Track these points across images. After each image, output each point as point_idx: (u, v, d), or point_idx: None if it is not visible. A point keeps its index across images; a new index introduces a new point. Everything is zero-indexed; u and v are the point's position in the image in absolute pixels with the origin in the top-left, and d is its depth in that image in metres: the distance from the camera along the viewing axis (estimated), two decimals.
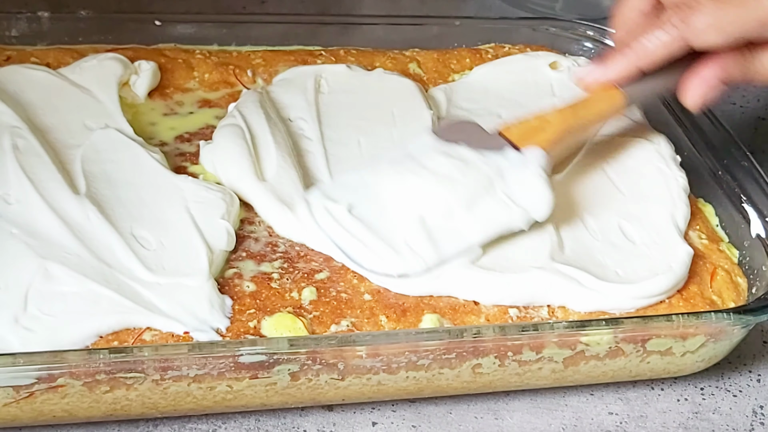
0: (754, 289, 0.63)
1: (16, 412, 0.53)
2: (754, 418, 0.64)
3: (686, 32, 0.58)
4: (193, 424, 0.59)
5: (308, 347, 0.54)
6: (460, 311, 0.59)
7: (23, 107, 0.67)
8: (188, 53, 0.76)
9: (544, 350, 0.57)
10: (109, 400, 0.54)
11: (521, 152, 0.60)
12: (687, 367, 0.62)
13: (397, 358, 0.55)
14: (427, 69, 0.78)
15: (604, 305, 0.60)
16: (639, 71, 0.62)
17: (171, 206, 0.60)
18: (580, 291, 0.59)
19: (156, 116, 0.71)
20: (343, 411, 0.61)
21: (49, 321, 0.53)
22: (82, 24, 0.76)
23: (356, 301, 0.58)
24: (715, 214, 0.69)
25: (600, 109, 0.64)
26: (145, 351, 0.51)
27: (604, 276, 0.60)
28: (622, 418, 0.63)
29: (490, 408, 0.62)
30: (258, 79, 0.75)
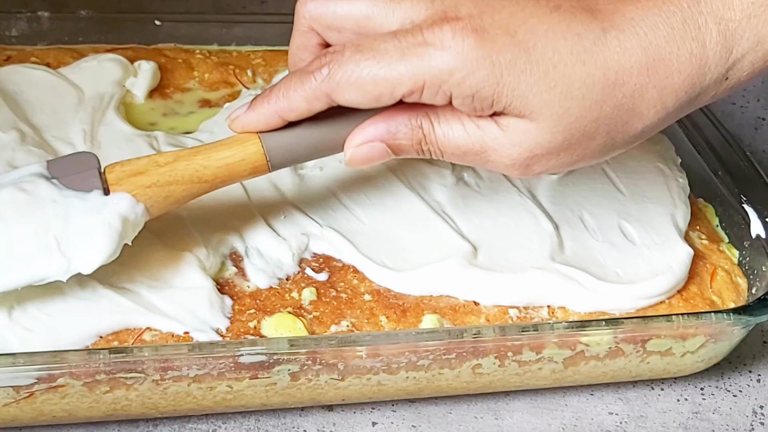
0: (754, 289, 0.63)
1: (16, 412, 0.53)
2: (754, 418, 0.64)
3: (326, 87, 0.49)
4: (193, 424, 0.59)
5: (308, 347, 0.54)
6: (460, 311, 0.59)
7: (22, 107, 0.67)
8: (188, 53, 0.76)
9: (544, 350, 0.57)
10: (109, 400, 0.54)
11: (108, 197, 0.53)
12: (687, 367, 0.62)
13: (397, 358, 0.55)
14: None
15: (604, 305, 0.60)
16: (283, 120, 0.52)
17: None
18: (580, 291, 0.59)
19: (156, 116, 0.71)
20: (343, 411, 0.61)
21: (49, 321, 0.53)
22: (82, 24, 0.76)
23: (356, 302, 0.58)
24: (715, 214, 0.69)
25: (227, 159, 0.53)
26: (145, 351, 0.51)
27: (604, 276, 0.60)
28: (622, 418, 0.63)
29: (490, 408, 0.62)
30: (258, 79, 0.75)
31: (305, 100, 0.50)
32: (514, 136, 0.49)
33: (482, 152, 0.50)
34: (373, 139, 0.51)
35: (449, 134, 0.50)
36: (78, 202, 0.52)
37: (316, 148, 0.54)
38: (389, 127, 0.51)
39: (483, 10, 0.47)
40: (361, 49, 0.48)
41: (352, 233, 0.61)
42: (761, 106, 0.94)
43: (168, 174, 0.53)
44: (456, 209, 0.63)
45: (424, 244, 0.61)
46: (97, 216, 0.52)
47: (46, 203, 0.52)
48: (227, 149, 0.54)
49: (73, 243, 0.52)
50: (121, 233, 0.52)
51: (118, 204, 0.52)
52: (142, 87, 0.71)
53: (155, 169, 0.53)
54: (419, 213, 0.62)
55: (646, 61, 0.48)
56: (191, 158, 0.54)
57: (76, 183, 0.53)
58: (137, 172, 0.53)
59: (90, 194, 0.53)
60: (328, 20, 0.52)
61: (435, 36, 0.47)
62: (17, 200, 0.52)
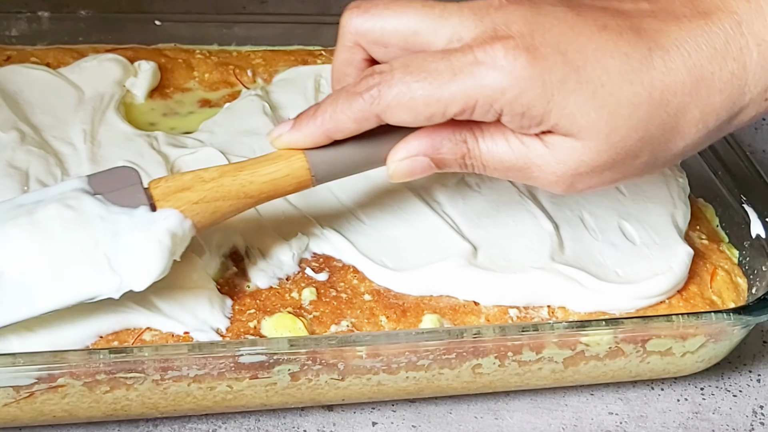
0: (754, 289, 0.63)
1: (16, 412, 0.53)
2: (754, 418, 0.64)
3: (376, 108, 0.49)
4: (193, 424, 0.59)
5: (308, 347, 0.54)
6: (460, 311, 0.59)
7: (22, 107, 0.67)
8: (188, 53, 0.76)
9: (544, 350, 0.57)
10: (109, 400, 0.54)
11: (155, 213, 0.52)
12: (687, 367, 0.62)
13: (397, 358, 0.55)
14: None
15: (604, 305, 0.60)
16: (330, 139, 0.52)
17: None
18: (580, 291, 0.59)
19: (156, 116, 0.71)
20: (343, 411, 0.61)
21: (49, 321, 0.53)
22: (82, 24, 0.76)
23: (356, 302, 0.58)
24: (715, 214, 0.69)
25: (272, 175, 0.53)
26: (145, 351, 0.51)
27: (604, 276, 0.60)
28: (622, 418, 0.63)
29: (490, 408, 0.62)
30: (258, 79, 0.75)
31: (354, 120, 0.50)
32: (559, 153, 0.49)
33: (526, 169, 0.50)
34: (417, 153, 0.51)
35: (493, 150, 0.50)
36: (126, 219, 0.52)
37: (359, 163, 0.54)
38: (433, 141, 0.51)
39: (533, 29, 0.47)
40: (411, 70, 0.48)
41: (352, 233, 0.61)
42: None
43: (214, 190, 0.53)
44: (456, 209, 0.63)
45: (424, 244, 0.61)
46: (146, 233, 0.51)
47: (93, 220, 0.52)
48: (272, 165, 0.54)
49: (124, 260, 0.51)
50: (171, 249, 0.51)
51: (166, 220, 0.52)
52: (142, 87, 0.71)
53: (201, 184, 0.53)
54: (419, 213, 0.62)
55: (689, 81, 0.48)
56: (237, 173, 0.54)
57: (121, 199, 0.53)
58: (183, 188, 0.53)
59: (137, 210, 0.52)
60: (375, 36, 0.51)
61: (487, 55, 0.47)
62: (64, 217, 0.52)
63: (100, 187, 0.54)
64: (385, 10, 0.51)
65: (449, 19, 0.49)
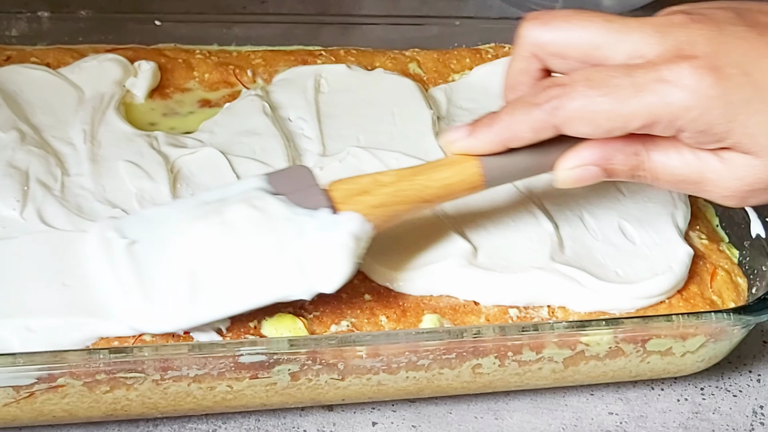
0: (754, 289, 0.63)
1: (16, 412, 0.53)
2: (754, 418, 0.64)
3: (555, 119, 0.50)
4: (193, 424, 0.59)
5: (308, 347, 0.54)
6: (460, 311, 0.59)
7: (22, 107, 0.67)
8: (188, 53, 0.76)
9: (544, 350, 0.57)
10: (109, 400, 0.54)
11: (337, 215, 0.54)
12: (687, 367, 0.62)
13: (397, 358, 0.55)
14: (427, 69, 0.78)
15: (604, 305, 0.60)
16: (505, 147, 0.53)
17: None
18: (580, 291, 0.59)
19: (156, 116, 0.70)
20: (343, 411, 0.61)
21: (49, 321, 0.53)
22: (82, 24, 0.76)
23: (356, 301, 0.58)
24: (715, 214, 0.69)
25: (448, 180, 0.55)
26: (145, 351, 0.51)
27: (604, 276, 0.60)
28: (622, 418, 0.63)
29: (490, 408, 0.62)
30: (258, 79, 0.75)
31: (532, 130, 0.51)
32: (735, 170, 0.50)
33: (699, 182, 0.51)
34: (588, 162, 0.52)
35: (666, 162, 0.51)
36: (309, 221, 0.53)
37: (529, 169, 0.55)
38: (605, 152, 0.52)
39: (718, 49, 0.48)
40: (594, 84, 0.49)
41: None
42: None
43: (393, 194, 0.55)
44: (456, 209, 0.63)
45: (424, 244, 0.61)
46: (331, 235, 0.52)
47: (279, 221, 0.53)
48: (447, 170, 0.55)
49: (312, 262, 0.52)
50: (355, 252, 0.53)
51: (348, 223, 0.53)
52: (142, 87, 0.71)
53: (379, 188, 0.55)
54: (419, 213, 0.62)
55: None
56: (413, 178, 0.55)
57: (302, 200, 0.54)
58: (362, 192, 0.55)
59: (319, 212, 0.53)
60: (555, 48, 0.52)
61: (672, 73, 0.48)
62: (252, 217, 0.53)
63: (280, 187, 0.55)
64: (567, 23, 0.52)
65: (630, 34, 0.50)
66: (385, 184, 0.55)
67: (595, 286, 0.59)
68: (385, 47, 0.79)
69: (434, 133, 0.68)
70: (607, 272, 0.61)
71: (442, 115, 0.72)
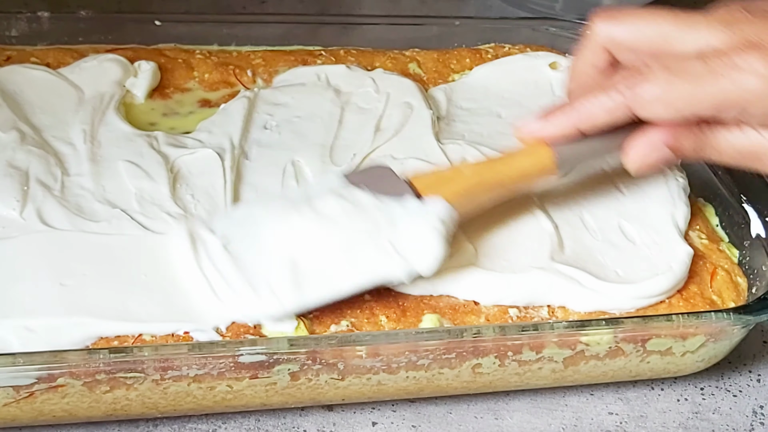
0: (754, 289, 0.63)
1: (16, 412, 0.53)
2: (754, 418, 0.64)
3: (632, 101, 0.53)
4: (193, 424, 0.59)
5: (308, 347, 0.54)
6: (460, 311, 0.59)
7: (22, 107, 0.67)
8: (188, 53, 0.76)
9: (544, 350, 0.57)
10: (109, 400, 0.54)
11: (423, 202, 0.56)
12: (687, 367, 0.62)
13: (397, 358, 0.55)
14: (427, 69, 0.78)
15: (604, 305, 0.60)
16: (578, 132, 0.56)
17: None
18: (580, 291, 0.59)
19: (156, 116, 0.71)
20: (343, 411, 0.61)
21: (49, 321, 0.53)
22: (82, 24, 0.76)
23: (356, 301, 0.58)
24: (715, 214, 0.69)
25: (523, 167, 0.58)
26: (145, 351, 0.51)
27: (604, 276, 0.60)
28: (622, 418, 0.63)
29: (490, 408, 0.62)
30: (258, 79, 0.75)
31: (608, 112, 0.54)
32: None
33: (761, 156, 0.54)
34: (658, 142, 0.55)
35: (730, 139, 0.54)
36: (398, 208, 0.56)
37: (596, 152, 0.58)
38: (674, 132, 0.54)
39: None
40: (671, 70, 0.52)
41: None
42: None
43: (474, 182, 0.58)
44: None
45: None
46: (422, 220, 0.55)
47: (370, 209, 0.55)
48: (524, 159, 0.58)
49: (406, 245, 0.54)
50: (444, 235, 0.55)
51: (435, 208, 0.55)
52: (142, 87, 0.71)
53: (461, 177, 0.58)
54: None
55: None
56: (492, 167, 0.59)
57: (387, 190, 0.56)
58: (445, 180, 0.58)
59: (405, 200, 0.56)
60: (627, 41, 0.57)
61: (744, 61, 0.51)
62: (343, 206, 0.55)
63: (361, 183, 0.57)
64: (638, 18, 0.56)
65: (698, 27, 0.54)
66: (466, 174, 0.58)
67: (595, 286, 0.59)
68: (385, 47, 0.79)
69: (434, 133, 0.68)
70: (607, 272, 0.61)
71: (442, 115, 0.72)
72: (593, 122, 0.55)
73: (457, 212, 0.56)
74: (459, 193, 0.57)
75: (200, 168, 0.64)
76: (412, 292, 0.59)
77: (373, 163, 0.63)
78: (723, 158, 0.56)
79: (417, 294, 0.59)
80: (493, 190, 0.59)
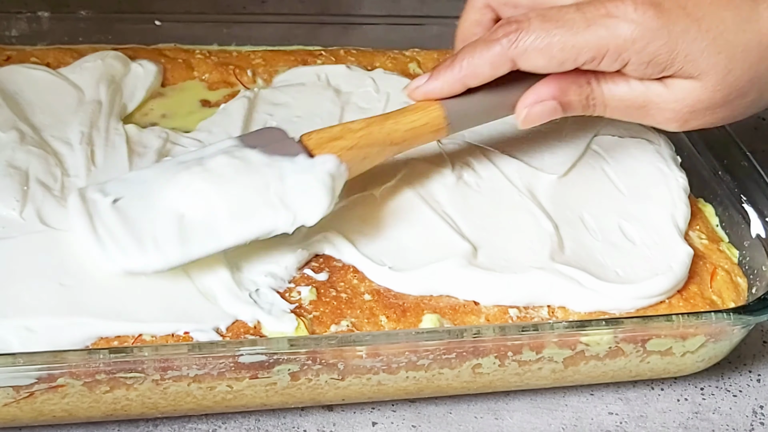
0: (754, 289, 0.63)
1: (16, 412, 0.53)
2: (754, 418, 0.64)
3: (513, 53, 0.55)
4: (193, 424, 0.59)
5: (308, 347, 0.54)
6: (460, 311, 0.59)
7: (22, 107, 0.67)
8: (188, 53, 0.76)
9: (544, 350, 0.57)
10: (109, 400, 0.54)
11: (313, 158, 0.58)
12: (687, 367, 0.62)
13: (397, 358, 0.55)
14: (427, 69, 0.78)
15: (604, 305, 0.60)
16: (465, 87, 0.58)
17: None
18: (580, 291, 0.59)
19: (156, 116, 0.70)
20: (343, 411, 0.61)
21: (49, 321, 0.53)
22: (82, 24, 0.76)
23: (356, 301, 0.58)
24: (715, 214, 0.69)
25: (413, 124, 0.60)
26: (145, 351, 0.51)
27: (604, 276, 0.60)
28: (622, 418, 0.63)
29: (490, 408, 0.62)
30: (258, 79, 0.75)
31: (491, 65, 0.56)
32: (678, 93, 0.56)
33: (644, 107, 0.57)
34: (546, 98, 0.57)
35: (615, 90, 0.57)
36: (288, 164, 0.57)
37: (489, 111, 0.60)
38: (560, 86, 0.57)
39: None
40: (548, 18, 0.55)
41: (352, 233, 0.61)
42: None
43: (364, 138, 0.59)
44: (456, 209, 0.63)
45: (424, 244, 0.61)
46: (310, 175, 0.57)
47: (260, 167, 0.57)
48: (413, 114, 0.60)
49: (293, 199, 0.56)
50: (333, 189, 0.57)
51: (325, 164, 0.57)
52: (143, 87, 0.71)
53: (351, 134, 0.59)
54: (419, 213, 0.62)
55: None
56: (383, 123, 0.60)
57: (278, 150, 0.58)
58: (335, 137, 0.59)
59: (296, 157, 0.58)
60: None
61: (618, 9, 0.54)
62: (233, 164, 0.57)
63: (255, 143, 0.59)
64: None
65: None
66: (356, 130, 0.59)
67: (595, 286, 0.59)
68: (385, 47, 0.79)
69: None
70: (607, 272, 0.61)
71: None
72: (478, 76, 0.57)
73: (346, 168, 0.58)
74: (348, 150, 0.59)
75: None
76: (412, 293, 0.59)
77: (266, 125, 0.65)
78: (610, 111, 0.58)
79: (417, 294, 0.59)
80: (384, 146, 0.60)
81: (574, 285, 0.59)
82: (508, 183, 0.65)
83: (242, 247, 0.57)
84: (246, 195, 0.56)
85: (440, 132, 0.60)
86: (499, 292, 0.59)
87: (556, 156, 0.68)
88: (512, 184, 0.65)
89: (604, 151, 0.69)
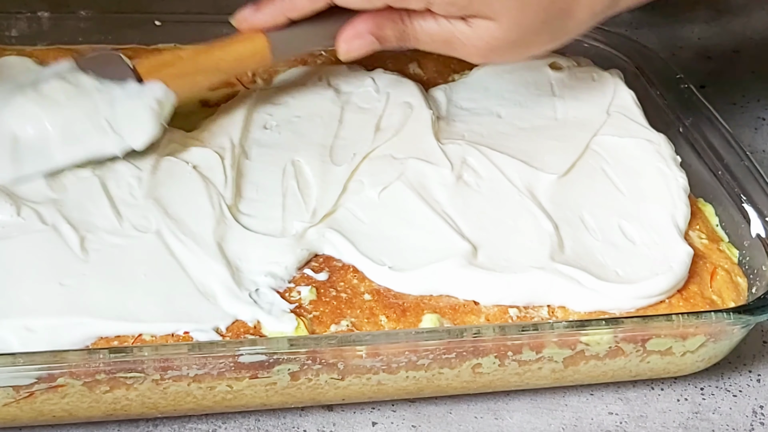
0: (754, 289, 0.63)
1: (16, 412, 0.53)
2: (754, 418, 0.64)
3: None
4: (193, 424, 0.59)
5: (308, 347, 0.54)
6: (460, 311, 0.59)
7: None
8: None
9: (544, 350, 0.57)
10: (109, 400, 0.54)
11: (143, 85, 0.61)
12: (687, 367, 0.62)
13: (397, 358, 0.55)
14: (427, 69, 0.78)
15: (604, 305, 0.60)
16: (288, 20, 0.64)
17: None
18: (580, 291, 0.59)
19: None
20: (343, 411, 0.61)
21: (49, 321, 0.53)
22: (82, 24, 0.76)
23: (356, 301, 0.58)
24: (715, 214, 0.69)
25: (239, 53, 0.64)
26: (145, 351, 0.51)
27: (604, 276, 0.60)
28: (622, 418, 0.63)
29: (490, 408, 0.62)
30: (258, 79, 0.75)
31: (310, 1, 0.62)
32: (479, 31, 0.61)
33: (450, 42, 0.62)
34: (363, 31, 0.63)
35: (425, 26, 0.62)
36: (119, 90, 0.61)
37: (310, 41, 0.66)
38: (376, 21, 0.62)
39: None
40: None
41: (352, 233, 0.61)
42: (761, 106, 0.94)
43: (192, 65, 0.64)
44: (456, 209, 0.63)
45: (424, 244, 0.61)
46: (139, 101, 0.61)
47: (91, 91, 0.61)
48: (239, 44, 0.64)
49: (122, 123, 0.60)
50: (160, 115, 0.61)
51: (153, 90, 0.61)
52: None
53: (180, 61, 0.64)
54: (419, 213, 0.62)
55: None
56: (211, 52, 0.64)
57: (111, 75, 0.62)
58: (165, 64, 0.63)
59: (127, 83, 0.61)
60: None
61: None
62: (66, 89, 0.60)
63: (89, 67, 0.62)
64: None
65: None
66: (185, 58, 0.64)
67: (595, 286, 0.59)
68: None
69: (433, 133, 0.68)
70: (607, 272, 0.61)
71: (442, 115, 0.72)
72: (298, 10, 0.63)
73: (175, 94, 0.62)
74: (177, 77, 0.63)
75: (201, 168, 0.64)
76: (412, 293, 0.59)
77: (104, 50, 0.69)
78: (421, 45, 0.63)
79: (417, 294, 0.59)
80: (211, 73, 0.65)
81: (574, 285, 0.59)
82: (508, 183, 0.65)
83: (242, 246, 0.57)
84: (76, 119, 0.59)
85: (265, 60, 0.65)
86: (499, 291, 0.59)
87: (556, 156, 0.68)
88: (512, 184, 0.65)
89: (604, 151, 0.69)
